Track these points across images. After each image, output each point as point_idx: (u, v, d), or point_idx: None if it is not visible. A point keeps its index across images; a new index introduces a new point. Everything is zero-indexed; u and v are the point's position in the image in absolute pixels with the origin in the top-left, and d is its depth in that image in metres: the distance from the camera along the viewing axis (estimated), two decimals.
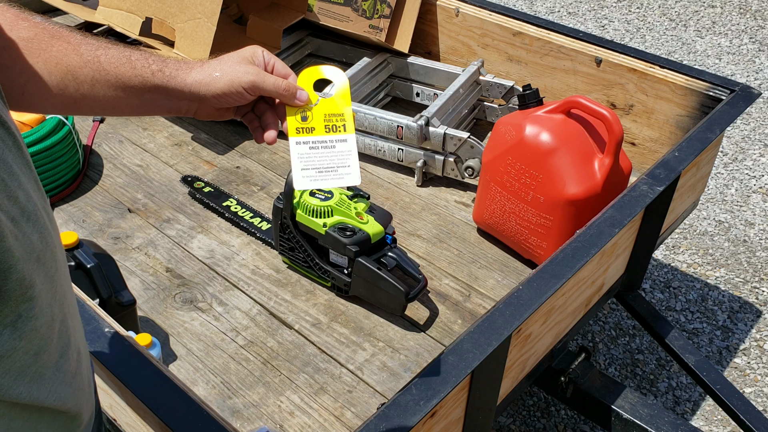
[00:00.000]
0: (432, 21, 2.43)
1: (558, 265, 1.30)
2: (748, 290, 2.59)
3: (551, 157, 1.58)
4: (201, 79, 0.90)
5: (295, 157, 0.89)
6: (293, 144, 0.90)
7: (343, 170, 0.88)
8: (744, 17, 4.46)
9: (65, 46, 0.85)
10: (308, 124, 0.91)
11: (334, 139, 0.90)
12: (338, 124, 0.91)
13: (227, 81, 0.89)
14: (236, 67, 0.90)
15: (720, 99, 1.88)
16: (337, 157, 0.89)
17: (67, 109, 0.88)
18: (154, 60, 0.90)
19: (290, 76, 0.94)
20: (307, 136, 0.90)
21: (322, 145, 0.89)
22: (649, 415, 1.60)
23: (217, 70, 0.90)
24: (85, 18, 2.20)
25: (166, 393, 1.05)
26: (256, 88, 0.90)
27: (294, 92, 0.93)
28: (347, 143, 0.89)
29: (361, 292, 1.59)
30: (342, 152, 0.89)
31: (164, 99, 0.91)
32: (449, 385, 1.07)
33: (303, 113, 0.92)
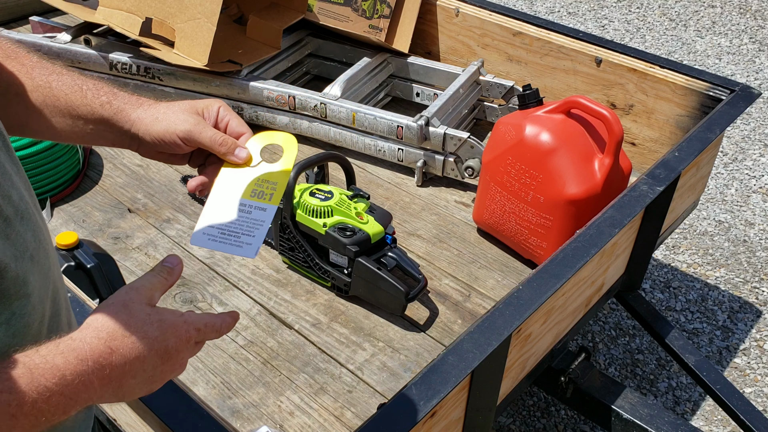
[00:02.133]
0: (432, 21, 2.43)
1: (558, 265, 1.30)
2: (748, 290, 2.59)
3: (551, 157, 1.58)
4: (143, 119, 0.87)
5: (206, 209, 0.85)
6: (211, 197, 0.86)
7: (245, 238, 0.83)
8: (744, 17, 4.46)
9: (18, 67, 0.84)
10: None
11: (254, 205, 0.85)
12: (267, 192, 0.86)
13: (164, 126, 0.86)
14: (178, 115, 0.87)
15: (720, 99, 1.88)
16: (246, 224, 0.84)
17: (14, 130, 0.86)
18: (105, 92, 0.88)
19: (244, 135, 0.89)
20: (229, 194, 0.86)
21: (238, 207, 0.85)
22: (649, 415, 1.60)
23: (160, 112, 0.87)
24: (85, 18, 2.20)
25: (166, 393, 1.05)
26: (192, 139, 0.86)
27: (231, 148, 0.87)
28: (265, 213, 0.85)
29: (361, 292, 1.59)
30: (254, 220, 0.84)
31: (108, 131, 0.88)
32: (449, 385, 1.07)
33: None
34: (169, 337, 0.72)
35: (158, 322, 0.72)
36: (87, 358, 0.66)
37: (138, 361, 0.70)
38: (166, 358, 0.72)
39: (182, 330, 0.74)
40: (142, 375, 0.71)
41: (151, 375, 0.72)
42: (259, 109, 2.13)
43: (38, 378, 0.62)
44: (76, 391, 0.65)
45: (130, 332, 0.70)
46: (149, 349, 0.70)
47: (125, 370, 0.69)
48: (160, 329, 0.72)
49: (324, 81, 2.29)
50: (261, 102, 2.11)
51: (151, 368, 0.71)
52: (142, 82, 2.21)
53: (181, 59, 2.02)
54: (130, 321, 0.70)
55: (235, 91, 2.12)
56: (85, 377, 0.65)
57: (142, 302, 0.73)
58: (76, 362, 0.65)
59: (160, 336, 0.71)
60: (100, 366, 0.66)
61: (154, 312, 0.73)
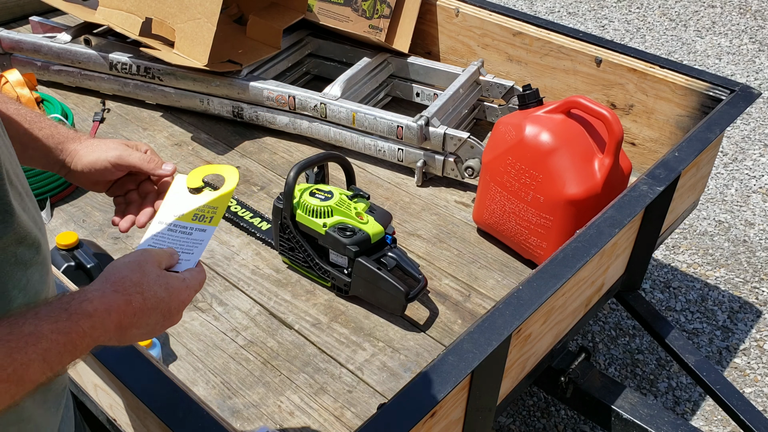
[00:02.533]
0: (432, 21, 2.43)
1: (558, 265, 1.30)
2: (748, 290, 2.59)
3: (551, 157, 1.58)
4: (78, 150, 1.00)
5: (149, 232, 0.92)
6: (155, 222, 0.93)
7: (184, 256, 0.89)
8: (744, 17, 4.46)
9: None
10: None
11: (194, 227, 0.92)
12: (207, 215, 0.92)
13: (96, 155, 1.00)
14: (109, 145, 1.01)
15: (720, 99, 1.88)
16: (186, 243, 0.90)
17: None
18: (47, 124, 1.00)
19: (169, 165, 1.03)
20: (174, 219, 0.92)
21: (180, 229, 0.92)
22: (649, 415, 1.60)
23: (95, 145, 1.01)
24: (85, 18, 2.20)
25: (166, 393, 1.05)
26: (122, 163, 1.00)
27: (158, 164, 1.02)
28: (204, 233, 0.91)
29: (361, 292, 1.59)
30: (194, 240, 0.90)
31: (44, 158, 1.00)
32: (449, 385, 1.07)
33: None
34: (173, 299, 0.82)
35: (165, 285, 0.82)
36: (111, 308, 0.76)
37: (145, 316, 0.79)
38: (168, 316, 0.82)
39: (184, 294, 0.84)
40: (145, 327, 0.80)
41: (152, 328, 0.82)
42: (259, 109, 2.13)
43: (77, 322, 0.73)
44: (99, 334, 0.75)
45: (143, 289, 0.80)
46: (155, 307, 0.80)
47: (133, 321, 0.79)
48: (166, 291, 0.82)
49: (324, 81, 2.29)
50: (261, 102, 2.11)
51: (153, 323, 0.81)
52: (142, 82, 2.21)
53: (181, 59, 2.02)
54: (143, 279, 0.80)
55: (235, 91, 2.12)
56: (107, 323, 0.76)
57: (154, 264, 0.83)
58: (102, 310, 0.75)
59: (166, 297, 0.81)
60: (118, 315, 0.77)
61: (162, 275, 0.83)
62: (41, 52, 2.25)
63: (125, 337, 0.80)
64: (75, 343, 0.73)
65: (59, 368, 0.72)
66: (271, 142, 2.16)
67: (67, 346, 0.72)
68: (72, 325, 0.73)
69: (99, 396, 1.30)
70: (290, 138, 2.18)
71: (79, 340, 0.73)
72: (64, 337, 0.72)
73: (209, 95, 2.16)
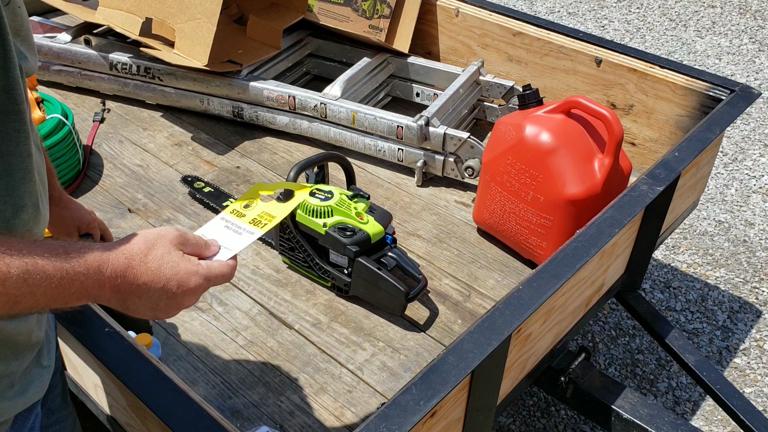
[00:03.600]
0: (432, 21, 2.43)
1: (558, 265, 1.30)
2: (748, 290, 2.59)
3: (551, 157, 1.58)
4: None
5: (209, 224, 0.96)
6: (218, 218, 0.97)
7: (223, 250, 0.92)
8: (744, 17, 4.46)
9: None
10: (246, 212, 0.98)
11: (247, 229, 0.95)
12: (263, 222, 0.97)
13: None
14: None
15: (720, 99, 1.88)
16: (231, 239, 0.93)
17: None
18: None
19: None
20: (234, 217, 0.97)
21: (234, 228, 0.95)
22: (649, 415, 1.59)
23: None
24: (85, 18, 2.20)
25: (166, 393, 1.05)
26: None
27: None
28: (252, 236, 0.94)
29: (361, 292, 1.59)
30: (240, 239, 0.94)
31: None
32: (449, 385, 1.07)
33: (250, 202, 1.00)
34: (176, 280, 0.82)
35: (173, 263, 0.82)
36: (108, 264, 0.78)
37: (145, 288, 0.80)
38: (171, 297, 0.82)
39: (192, 281, 0.83)
40: (147, 301, 0.81)
41: (155, 304, 0.82)
42: (259, 109, 2.13)
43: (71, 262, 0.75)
44: (91, 285, 0.77)
45: (147, 260, 0.81)
46: (156, 283, 0.81)
47: (132, 288, 0.80)
48: (171, 269, 0.82)
49: (324, 81, 2.29)
50: (261, 102, 2.11)
51: (156, 299, 0.82)
52: (142, 82, 2.21)
53: (181, 59, 2.02)
54: (151, 251, 0.82)
55: (235, 91, 2.12)
56: (101, 277, 0.77)
57: (171, 242, 0.84)
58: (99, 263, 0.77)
59: (172, 278, 0.82)
60: (115, 275, 0.78)
61: (173, 253, 0.83)
62: (41, 52, 2.25)
63: (127, 304, 0.81)
64: (63, 281, 0.74)
65: (42, 299, 0.73)
66: (271, 142, 2.16)
67: (54, 280, 0.73)
68: (65, 263, 0.75)
69: (99, 396, 1.30)
70: (290, 138, 2.18)
71: (68, 282, 0.75)
72: (52, 268, 0.73)
73: (209, 95, 2.16)
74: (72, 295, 0.76)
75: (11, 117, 0.79)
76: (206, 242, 0.89)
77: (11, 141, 0.80)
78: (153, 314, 0.83)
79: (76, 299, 0.77)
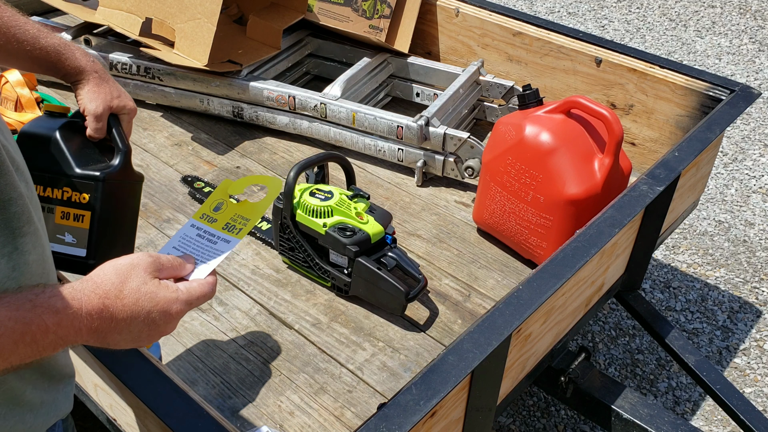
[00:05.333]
0: (432, 21, 2.43)
1: (558, 265, 1.30)
2: (748, 290, 2.59)
3: (551, 157, 1.58)
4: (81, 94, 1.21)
5: (177, 235, 0.90)
6: (188, 225, 0.91)
7: (199, 265, 0.88)
8: (744, 17, 4.47)
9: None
10: (215, 215, 0.92)
11: (221, 237, 0.90)
12: (238, 226, 0.91)
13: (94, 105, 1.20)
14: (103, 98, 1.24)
15: (720, 99, 1.88)
16: (207, 252, 0.89)
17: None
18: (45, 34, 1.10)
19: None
20: (205, 224, 0.91)
21: (207, 237, 0.90)
22: (649, 415, 1.59)
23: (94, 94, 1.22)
24: (85, 18, 2.20)
25: (166, 393, 1.05)
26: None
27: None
28: (228, 245, 0.90)
29: (361, 292, 1.59)
30: (215, 250, 0.89)
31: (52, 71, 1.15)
32: (449, 385, 1.07)
33: (219, 202, 0.93)
34: (157, 310, 0.79)
35: (151, 294, 0.79)
36: (82, 308, 0.74)
37: (124, 323, 0.77)
38: (153, 327, 0.80)
39: (172, 306, 0.81)
40: (127, 335, 0.78)
41: (137, 336, 0.79)
42: (259, 109, 2.13)
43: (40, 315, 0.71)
44: (66, 333, 0.73)
45: (123, 297, 0.77)
46: (135, 318, 0.78)
47: (111, 326, 0.76)
48: (150, 301, 0.79)
49: (324, 81, 2.29)
50: (261, 102, 2.11)
51: (137, 332, 0.79)
52: (142, 82, 2.21)
53: (181, 59, 2.02)
54: (125, 285, 0.78)
55: (235, 91, 2.12)
56: (77, 323, 0.73)
57: (147, 270, 0.80)
58: (72, 309, 0.73)
59: (152, 309, 0.79)
60: (91, 317, 0.74)
61: (149, 284, 0.80)
62: None
63: (107, 341, 0.77)
64: (35, 336, 0.70)
65: (14, 358, 0.70)
66: (271, 142, 2.16)
67: (25, 336, 0.69)
68: (34, 317, 0.70)
69: (99, 396, 1.30)
70: (290, 138, 2.18)
71: (40, 335, 0.71)
72: (21, 327, 0.69)
73: (209, 95, 2.16)
74: (47, 347, 0.72)
75: None
76: (181, 261, 0.86)
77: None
78: (135, 345, 0.81)
79: (52, 349, 0.73)
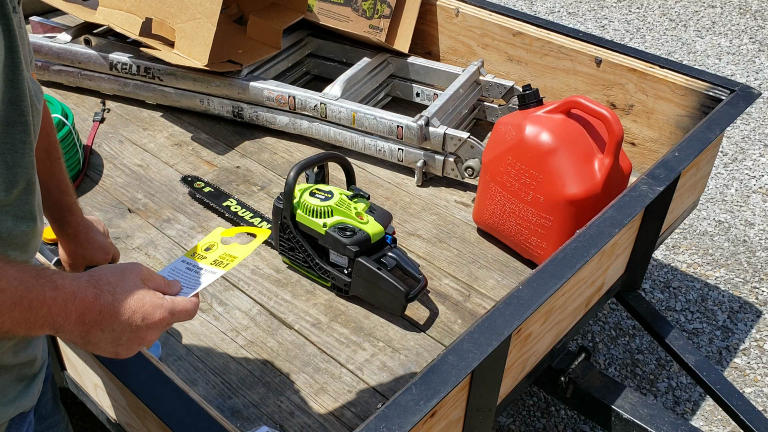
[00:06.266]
0: (432, 21, 2.43)
1: (558, 265, 1.30)
2: (748, 290, 2.59)
3: (551, 157, 1.58)
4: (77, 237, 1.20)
5: (167, 268, 0.97)
6: (179, 261, 0.97)
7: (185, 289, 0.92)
8: (744, 17, 4.46)
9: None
10: (205, 254, 0.98)
11: (208, 269, 0.96)
12: (224, 262, 0.96)
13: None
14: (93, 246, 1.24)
15: (720, 99, 1.88)
16: (193, 279, 0.94)
17: None
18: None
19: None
20: (195, 260, 0.97)
21: (195, 269, 0.96)
22: (649, 415, 1.59)
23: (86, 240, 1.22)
24: (85, 18, 2.20)
25: (166, 393, 1.05)
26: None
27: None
28: (213, 275, 0.95)
29: (361, 292, 1.59)
30: (199, 279, 0.94)
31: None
32: (449, 385, 1.07)
33: (211, 245, 1.00)
34: (141, 312, 0.82)
35: (139, 296, 0.82)
36: (77, 292, 0.77)
37: (110, 318, 0.80)
38: (135, 330, 0.82)
39: (156, 312, 0.83)
40: (109, 334, 0.80)
41: (117, 337, 0.81)
42: (259, 109, 2.13)
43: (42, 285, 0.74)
44: (58, 312, 0.76)
45: (115, 290, 0.81)
46: (121, 314, 0.80)
47: (98, 319, 0.79)
48: (138, 302, 0.82)
49: (324, 81, 2.29)
50: (261, 102, 2.11)
51: (119, 332, 0.81)
52: (142, 82, 2.21)
53: (181, 59, 2.02)
54: (119, 283, 0.82)
55: (235, 91, 2.12)
56: (69, 305, 0.76)
57: (138, 275, 0.85)
58: (69, 290, 0.77)
59: (138, 309, 0.81)
60: (83, 304, 0.78)
61: (140, 286, 0.84)
62: (41, 52, 2.25)
63: (89, 337, 0.79)
64: (32, 303, 0.73)
65: (5, 319, 0.72)
66: (271, 142, 2.16)
67: (23, 300, 0.72)
68: (36, 284, 0.74)
69: (99, 396, 1.30)
70: (290, 138, 2.18)
71: (37, 304, 0.73)
72: (23, 290, 0.72)
73: (209, 95, 2.16)
74: (38, 321, 0.74)
75: (17, 128, 0.79)
76: (168, 282, 0.90)
77: (17, 152, 0.80)
78: (114, 350, 0.82)
79: (40, 327, 0.75)
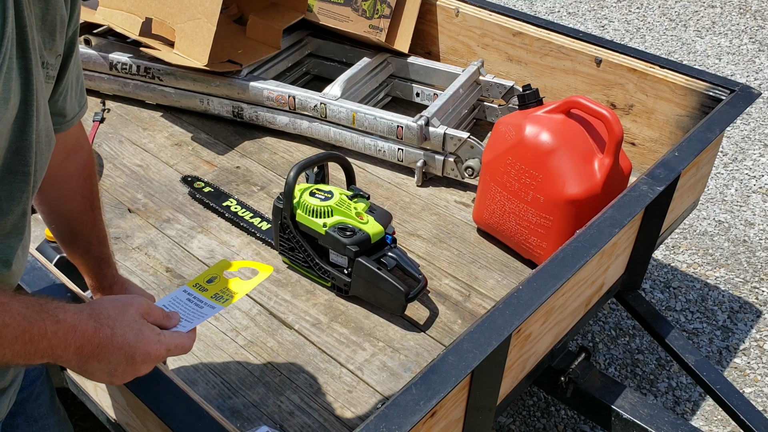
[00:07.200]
0: (432, 21, 2.43)
1: (558, 265, 1.30)
2: (748, 290, 2.59)
3: (551, 157, 1.58)
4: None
5: (169, 296, 0.98)
6: (181, 290, 0.99)
7: (183, 322, 0.94)
8: (744, 17, 4.46)
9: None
10: (207, 286, 1.00)
11: (208, 303, 0.98)
12: (225, 297, 0.99)
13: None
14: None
15: (720, 99, 1.88)
16: (193, 313, 0.96)
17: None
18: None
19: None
20: (196, 291, 0.99)
21: (196, 301, 0.98)
22: (649, 415, 1.59)
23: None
24: (85, 18, 2.20)
25: (166, 393, 1.05)
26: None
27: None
28: (213, 310, 0.97)
29: (361, 292, 1.59)
30: (201, 313, 0.96)
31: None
32: (449, 385, 1.07)
33: (214, 276, 1.02)
34: (140, 347, 0.84)
35: (138, 331, 0.84)
36: (78, 326, 0.79)
37: (108, 351, 0.82)
38: (131, 362, 0.84)
39: (153, 348, 0.86)
40: (106, 364, 0.82)
41: (113, 369, 0.83)
42: (259, 109, 2.13)
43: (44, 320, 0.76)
44: (58, 344, 0.77)
45: (114, 325, 0.83)
46: (120, 347, 0.82)
47: (96, 351, 0.81)
48: (136, 337, 0.84)
49: (324, 81, 2.29)
50: (261, 102, 2.11)
51: (115, 364, 0.83)
52: (142, 82, 2.21)
53: (181, 59, 2.02)
54: (119, 317, 0.84)
55: (235, 91, 2.12)
56: (69, 338, 0.78)
57: (137, 310, 0.86)
58: (71, 324, 0.79)
59: (134, 342, 0.84)
60: (83, 337, 0.79)
61: (139, 321, 0.85)
62: None
63: (86, 367, 0.81)
64: (33, 337, 0.74)
65: (7, 351, 0.73)
66: (271, 142, 2.16)
67: (25, 335, 0.74)
68: (38, 319, 0.75)
69: (99, 396, 1.30)
70: (290, 138, 2.18)
71: (38, 337, 0.75)
72: (26, 324, 0.74)
73: (209, 95, 2.16)
74: (37, 353, 0.76)
75: (18, 177, 0.81)
76: (167, 314, 0.91)
77: (13, 200, 0.82)
78: (109, 379, 0.84)
79: (39, 358, 0.77)
